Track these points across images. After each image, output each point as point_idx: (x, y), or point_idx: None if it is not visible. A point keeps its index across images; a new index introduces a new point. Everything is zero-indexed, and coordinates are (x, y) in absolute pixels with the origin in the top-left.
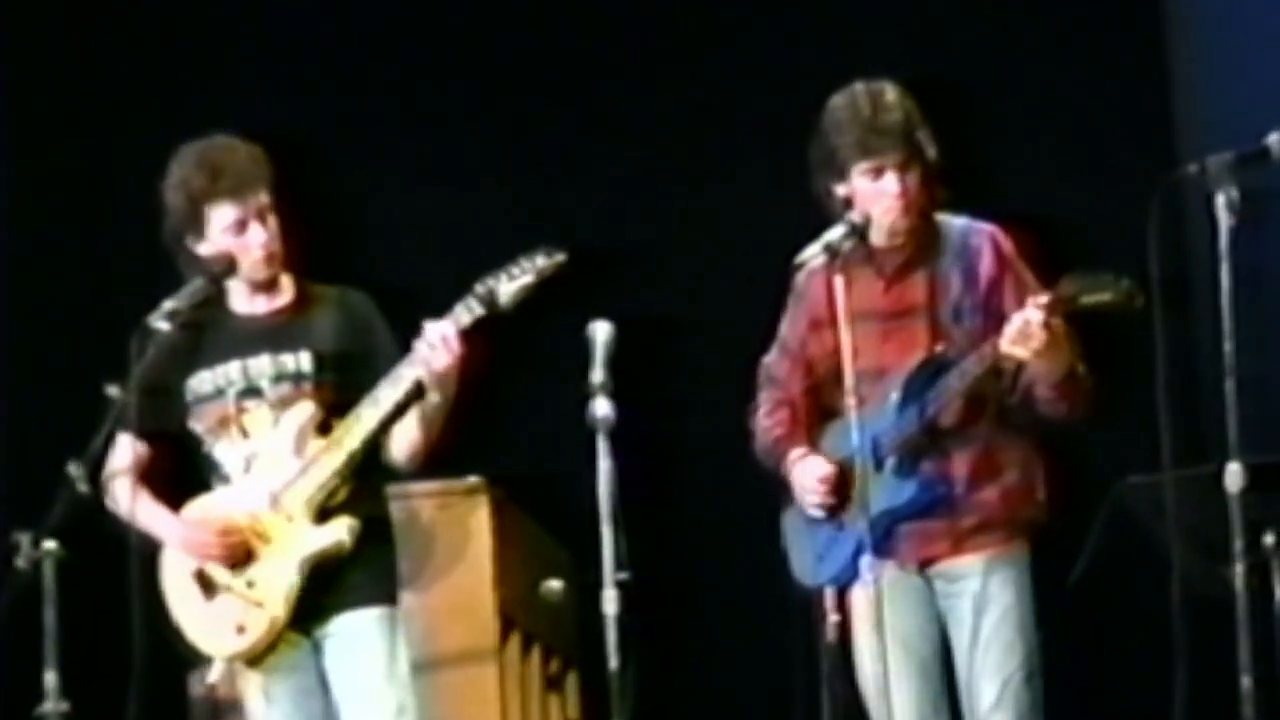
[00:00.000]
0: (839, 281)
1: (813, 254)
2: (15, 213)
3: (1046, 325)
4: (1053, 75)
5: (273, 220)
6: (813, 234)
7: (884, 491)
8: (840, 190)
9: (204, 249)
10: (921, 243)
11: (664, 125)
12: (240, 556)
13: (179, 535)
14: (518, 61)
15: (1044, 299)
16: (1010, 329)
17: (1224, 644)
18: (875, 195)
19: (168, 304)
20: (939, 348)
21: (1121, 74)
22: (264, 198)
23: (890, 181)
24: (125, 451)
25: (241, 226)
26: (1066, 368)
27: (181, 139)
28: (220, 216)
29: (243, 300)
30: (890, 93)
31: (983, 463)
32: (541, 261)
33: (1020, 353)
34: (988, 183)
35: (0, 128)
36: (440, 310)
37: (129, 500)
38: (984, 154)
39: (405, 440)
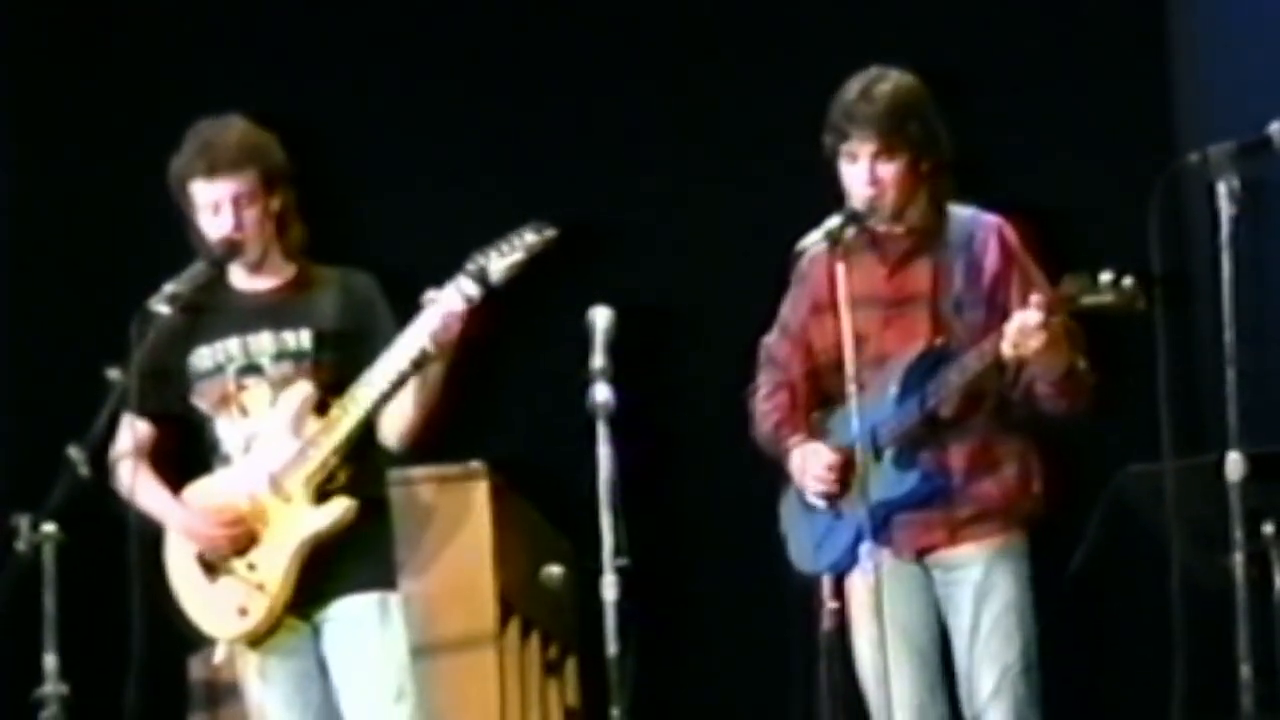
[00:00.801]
0: (840, 269)
1: (813, 241)
2: (17, 195)
3: (1045, 326)
4: (1054, 65)
5: (257, 206)
6: (814, 220)
7: (883, 482)
8: (839, 171)
9: (200, 225)
10: (925, 232)
11: (665, 110)
12: (243, 547)
13: (183, 522)
14: (518, 46)
15: (1044, 299)
16: (1010, 329)
17: (1223, 633)
18: (850, 180)
19: (168, 287)
20: (939, 340)
21: (1123, 63)
22: (247, 182)
23: (861, 168)
24: (129, 432)
25: (216, 208)
26: (1066, 366)
27: (180, 125)
28: (197, 194)
29: (244, 278)
30: (886, 82)
31: (980, 455)
32: (531, 237)
33: (1020, 353)
34: (989, 173)
35: (1, 112)
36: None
37: (132, 482)
38: (986, 144)
39: (397, 421)
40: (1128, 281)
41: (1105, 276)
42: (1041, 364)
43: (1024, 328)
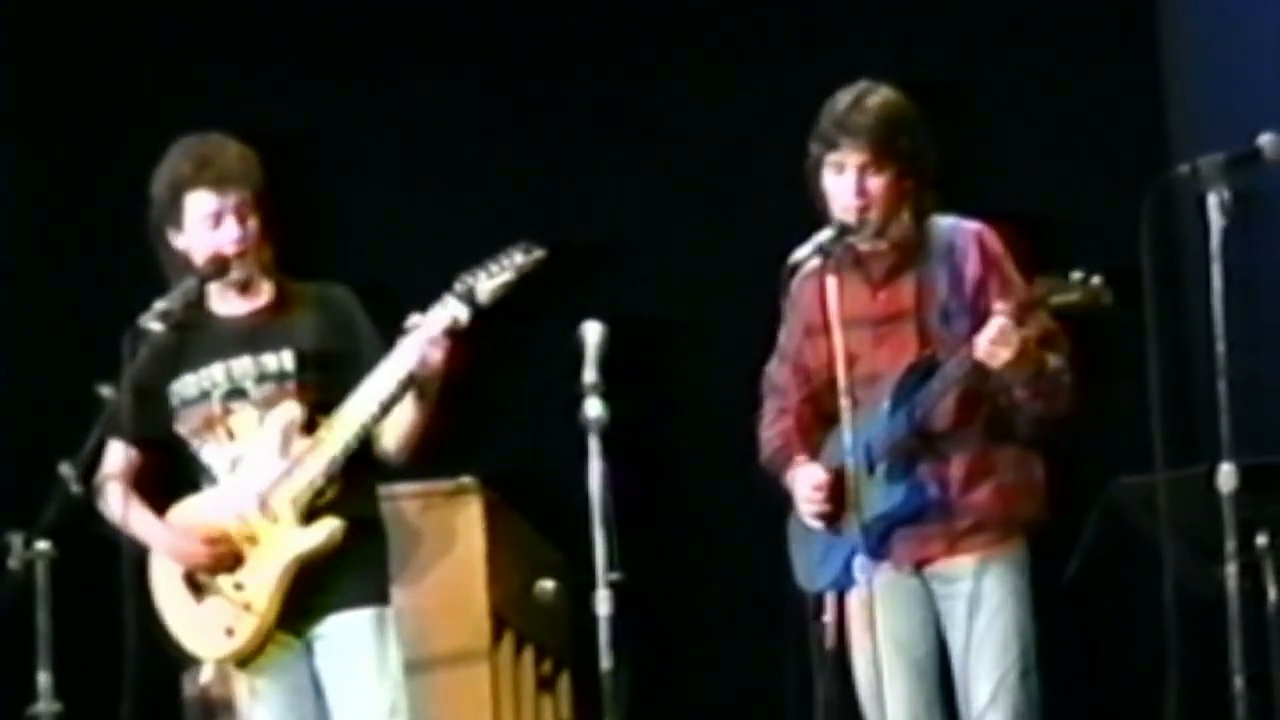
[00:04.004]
0: (831, 282)
1: (805, 255)
2: (10, 213)
3: (1011, 335)
4: (1046, 76)
5: (253, 220)
6: (804, 234)
7: (877, 496)
8: (822, 183)
9: (181, 241)
10: (908, 247)
11: (657, 124)
12: (227, 564)
13: (166, 542)
14: (507, 59)
15: (1010, 305)
16: (982, 337)
17: (1216, 644)
18: (835, 191)
19: (159, 304)
20: (927, 351)
21: (1114, 75)
22: (246, 196)
23: (848, 179)
24: (116, 456)
25: (217, 219)
26: (1035, 367)
27: (171, 140)
28: (197, 205)
29: (223, 302)
30: (876, 95)
31: (977, 464)
32: (520, 258)
33: (993, 360)
34: (981, 184)
35: None
36: (425, 308)
37: (120, 505)
38: (978, 155)
39: (397, 432)
40: (1095, 279)
41: (1075, 275)
42: (1011, 372)
43: (995, 335)
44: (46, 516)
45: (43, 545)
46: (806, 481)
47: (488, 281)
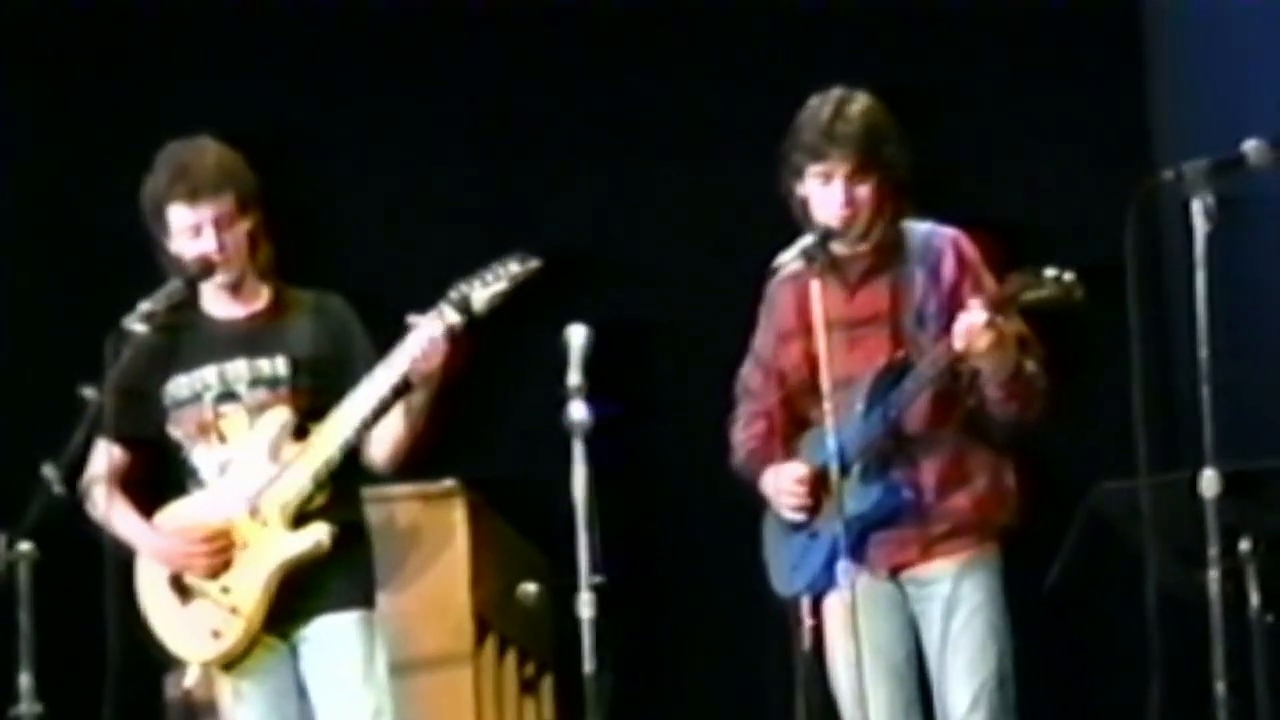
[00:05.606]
0: (815, 287)
1: (789, 259)
2: None
3: (990, 325)
4: (1029, 81)
5: (240, 226)
6: (789, 239)
7: (851, 497)
8: (800, 190)
9: (171, 247)
10: (884, 250)
11: (641, 129)
12: (218, 567)
13: (153, 545)
14: (494, 65)
15: (984, 299)
16: (956, 330)
17: (1199, 650)
18: (822, 200)
19: (144, 306)
20: (899, 353)
21: (1099, 80)
22: (226, 205)
23: (836, 189)
24: (104, 457)
25: (196, 230)
26: (1012, 368)
27: (154, 144)
28: (176, 217)
29: (218, 304)
30: (857, 103)
31: (952, 468)
32: (515, 268)
33: (970, 348)
34: (964, 190)
35: None
36: (410, 312)
37: (105, 507)
38: (961, 161)
39: (386, 442)
40: (1068, 275)
41: (1049, 271)
42: (989, 365)
43: (969, 329)
44: (29, 517)
45: (25, 546)
46: (788, 475)
47: (483, 290)
